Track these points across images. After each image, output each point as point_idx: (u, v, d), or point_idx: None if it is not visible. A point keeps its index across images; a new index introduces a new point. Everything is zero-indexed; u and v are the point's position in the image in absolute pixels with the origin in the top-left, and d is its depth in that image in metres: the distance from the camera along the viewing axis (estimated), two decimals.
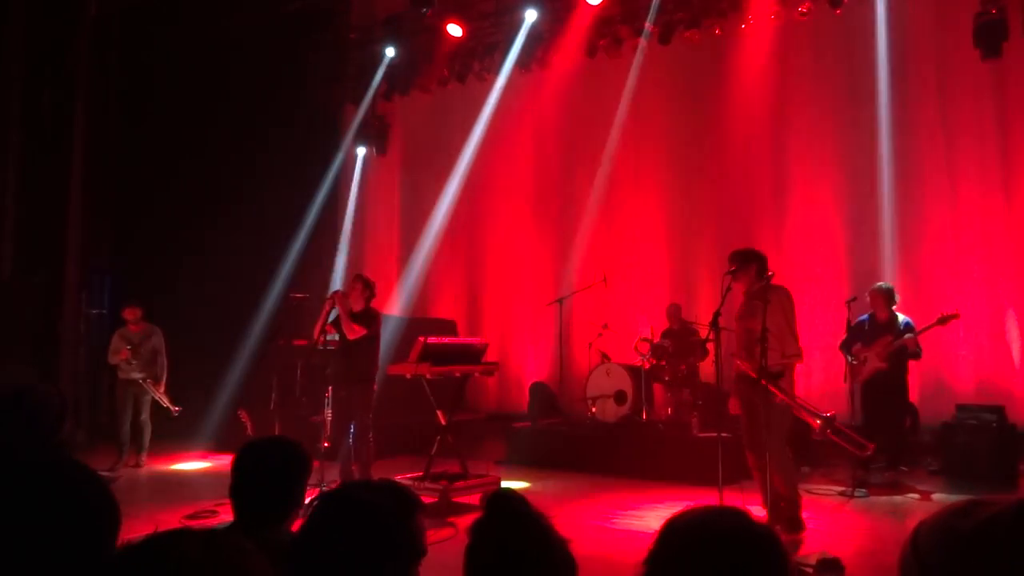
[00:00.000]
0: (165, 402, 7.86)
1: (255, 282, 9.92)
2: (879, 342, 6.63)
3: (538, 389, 9.35)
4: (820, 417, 4.89)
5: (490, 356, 6.81)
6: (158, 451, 8.16)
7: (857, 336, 6.79)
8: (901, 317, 6.74)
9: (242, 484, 2.10)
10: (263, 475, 2.09)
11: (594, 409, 8.00)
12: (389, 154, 11.08)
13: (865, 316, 6.83)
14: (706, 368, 7.83)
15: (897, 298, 6.78)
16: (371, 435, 6.22)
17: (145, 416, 7.89)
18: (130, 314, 7.95)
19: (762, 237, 8.48)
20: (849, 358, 6.79)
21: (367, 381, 6.22)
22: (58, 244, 9.40)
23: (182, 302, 9.69)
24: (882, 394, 6.63)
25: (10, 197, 9.05)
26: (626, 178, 9.48)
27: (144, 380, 7.80)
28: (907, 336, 6.55)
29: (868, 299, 6.84)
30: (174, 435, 8.44)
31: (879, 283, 6.93)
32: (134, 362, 7.79)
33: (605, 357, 8.31)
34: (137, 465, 7.81)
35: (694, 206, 9.23)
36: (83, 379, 9.53)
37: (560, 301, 8.62)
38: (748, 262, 5.09)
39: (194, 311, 9.88)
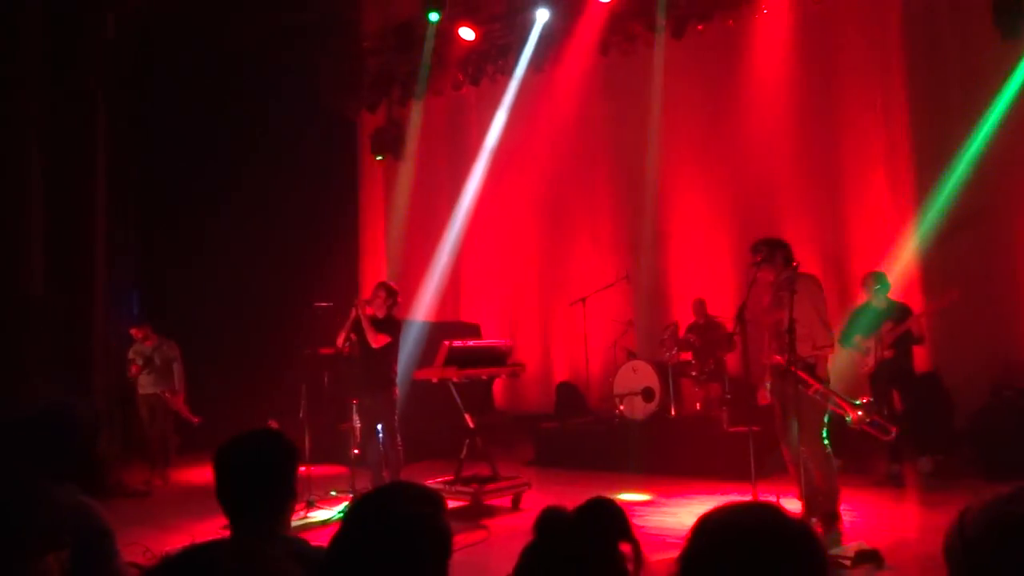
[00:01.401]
0: (185, 413, 7.94)
1: (279, 292, 9.98)
2: (879, 330, 6.54)
3: (565, 389, 9.36)
4: (859, 406, 4.81)
5: (515, 358, 6.84)
6: (190, 464, 8.25)
7: (854, 326, 6.69)
8: (896, 303, 6.66)
9: (228, 484, 1.97)
10: (248, 470, 1.96)
11: (622, 407, 7.98)
12: (406, 160, 11.14)
13: (861, 305, 6.75)
14: (734, 362, 7.77)
15: (889, 284, 6.68)
16: (399, 440, 6.26)
17: (167, 430, 7.97)
18: (137, 333, 8.06)
19: (786, 227, 8.40)
20: (851, 350, 6.68)
21: (388, 387, 6.26)
22: (87, 259, 9.54)
23: (208, 315, 9.79)
24: (895, 383, 6.53)
25: (38, 212, 9.18)
26: (645, 174, 9.41)
27: (162, 393, 7.88)
28: (910, 319, 6.46)
29: (863, 287, 6.74)
30: (207, 447, 8.54)
31: (872, 271, 6.81)
32: (146, 376, 7.87)
33: (631, 354, 8.30)
34: (163, 483, 7.87)
35: (716, 198, 9.13)
36: (115, 393, 9.67)
37: (583, 300, 8.61)
38: (773, 251, 5.01)
39: (220, 323, 9.98)
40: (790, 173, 8.76)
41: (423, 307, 10.50)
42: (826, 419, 4.83)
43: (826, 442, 4.83)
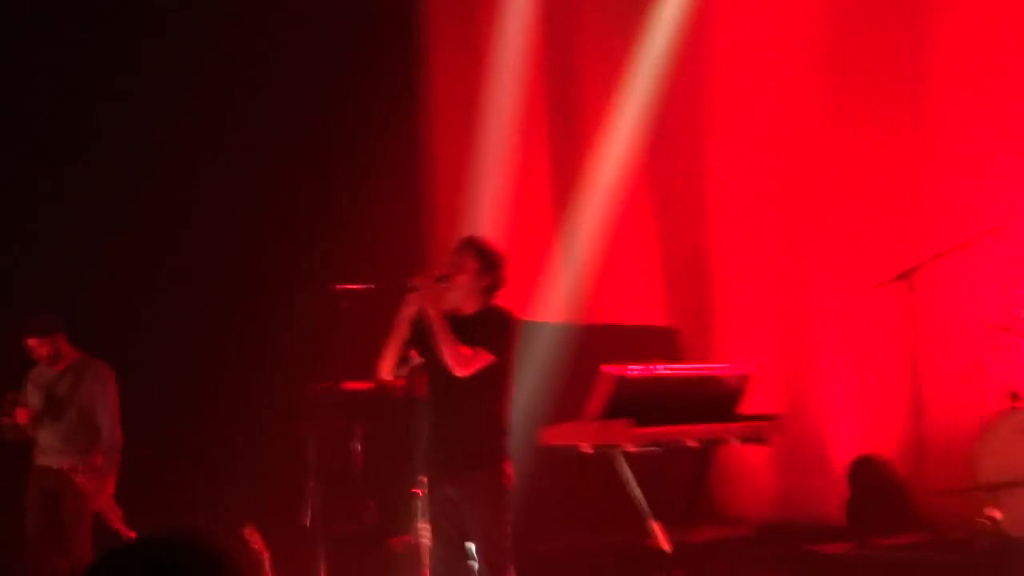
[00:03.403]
0: (114, 519, 8.08)
1: (260, 273, 10.33)
2: None
3: (867, 470, 9.38)
4: None
5: (759, 404, 7.16)
6: None
7: None
8: None
9: None
10: None
11: (996, 513, 7.87)
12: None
13: None
14: None
15: None
16: (512, 572, 6.23)
17: (77, 541, 8.12)
18: (40, 346, 8.19)
19: None
20: None
21: (493, 461, 6.26)
22: None
23: (120, 327, 9.98)
24: None
25: None
26: None
27: (65, 469, 8.04)
28: None
29: None
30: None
31: None
32: (45, 430, 8.09)
33: (1015, 396, 8.11)
34: None
35: None
36: None
37: (905, 276, 8.63)
38: None
39: (144, 342, 10.17)
40: None
41: (558, 292, 10.61)
42: None
43: None
